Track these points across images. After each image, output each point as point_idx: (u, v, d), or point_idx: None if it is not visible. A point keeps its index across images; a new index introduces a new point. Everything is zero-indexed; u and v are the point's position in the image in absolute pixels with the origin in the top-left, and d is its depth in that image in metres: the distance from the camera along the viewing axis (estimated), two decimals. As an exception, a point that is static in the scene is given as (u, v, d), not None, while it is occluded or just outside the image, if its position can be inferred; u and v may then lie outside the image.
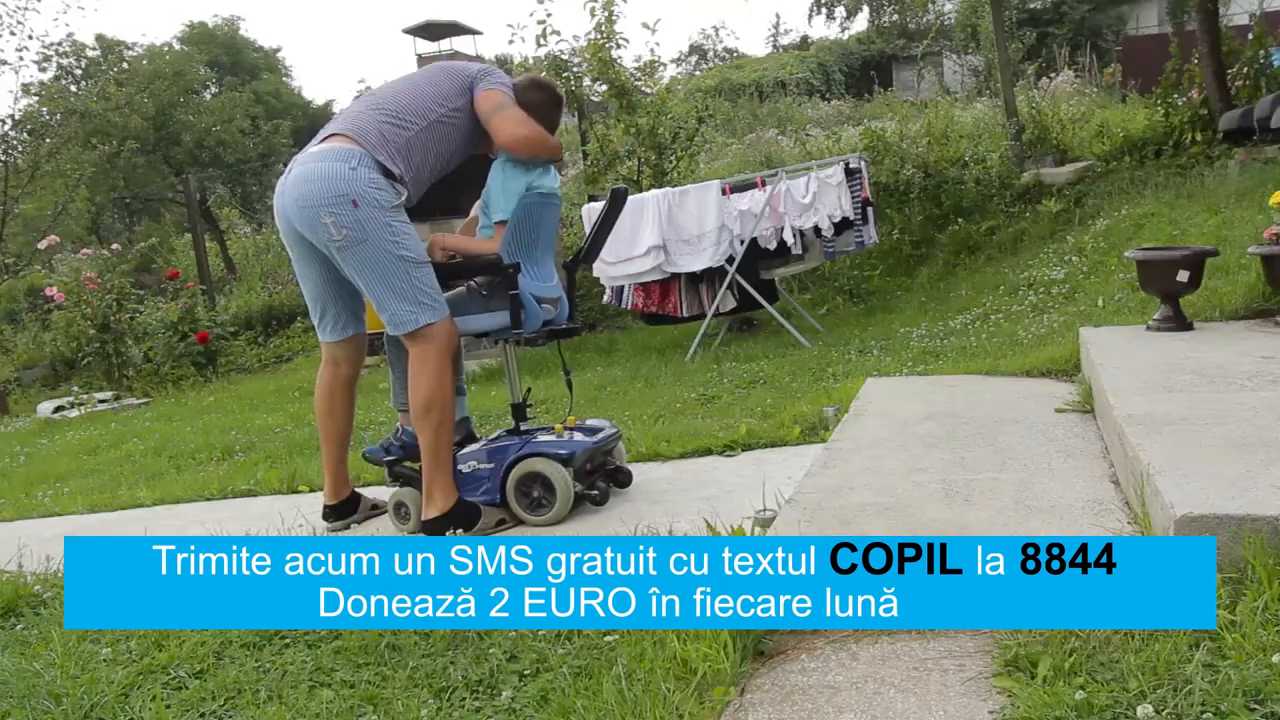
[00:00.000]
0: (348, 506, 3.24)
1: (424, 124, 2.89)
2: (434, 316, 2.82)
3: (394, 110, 2.87)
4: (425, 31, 8.20)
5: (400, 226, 2.79)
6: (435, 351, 2.82)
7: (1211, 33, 7.48)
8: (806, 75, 22.44)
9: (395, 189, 2.81)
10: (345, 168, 2.72)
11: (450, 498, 2.86)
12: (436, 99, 2.92)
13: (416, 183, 2.94)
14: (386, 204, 2.76)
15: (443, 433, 2.85)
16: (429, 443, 2.85)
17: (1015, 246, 7.46)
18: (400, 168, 2.83)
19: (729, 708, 1.64)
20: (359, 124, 2.83)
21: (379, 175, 2.76)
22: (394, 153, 2.81)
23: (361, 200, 2.71)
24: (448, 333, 2.86)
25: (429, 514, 2.86)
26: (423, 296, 2.80)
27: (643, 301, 6.92)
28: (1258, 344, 3.28)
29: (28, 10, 18.90)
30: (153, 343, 9.06)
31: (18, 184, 12.83)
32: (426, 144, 2.90)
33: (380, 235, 2.73)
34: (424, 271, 2.82)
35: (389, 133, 2.83)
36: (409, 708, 1.82)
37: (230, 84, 19.49)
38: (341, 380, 3.15)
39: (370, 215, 2.72)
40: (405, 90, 2.95)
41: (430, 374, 2.81)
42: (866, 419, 3.28)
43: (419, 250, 2.83)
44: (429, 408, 2.82)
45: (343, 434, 3.19)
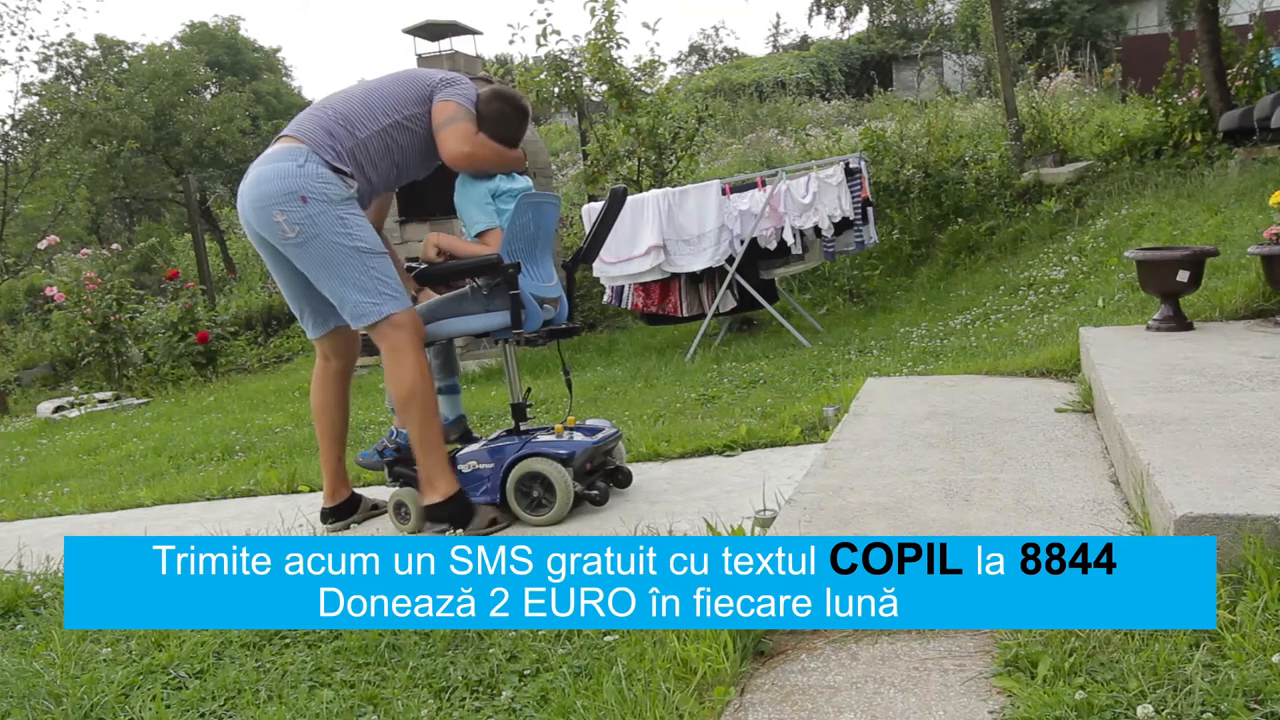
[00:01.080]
0: (346, 508, 3.22)
1: (374, 129, 2.87)
2: (397, 306, 2.78)
3: (344, 114, 2.87)
4: (425, 31, 8.18)
5: (352, 219, 2.77)
6: (406, 339, 2.79)
7: (1211, 33, 7.48)
8: (806, 75, 22.44)
9: (345, 183, 2.79)
10: (293, 165, 2.73)
11: (452, 485, 2.86)
12: (391, 105, 2.90)
13: (370, 185, 2.93)
14: (336, 197, 2.75)
15: (428, 420, 2.83)
16: (417, 433, 2.83)
17: (1015, 246, 7.46)
18: (349, 166, 2.82)
19: (729, 708, 1.64)
20: (306, 126, 2.85)
21: (326, 170, 2.76)
22: (340, 152, 2.81)
23: (310, 195, 2.71)
24: (414, 320, 2.82)
25: (430, 499, 2.85)
26: (382, 287, 2.77)
27: (643, 301, 6.92)
28: (1258, 344, 3.28)
29: (28, 10, 18.94)
30: (153, 343, 9.06)
31: (18, 184, 12.85)
32: (379, 149, 2.89)
33: (332, 228, 2.72)
34: (380, 262, 2.79)
35: (337, 132, 2.83)
36: (409, 708, 1.82)
37: (230, 84, 19.49)
38: (333, 374, 3.14)
39: (320, 210, 2.72)
40: (359, 95, 2.94)
41: (407, 363, 2.78)
42: (866, 419, 3.28)
43: (373, 241, 2.80)
44: (411, 397, 2.79)
45: (339, 430, 3.18)
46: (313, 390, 3.17)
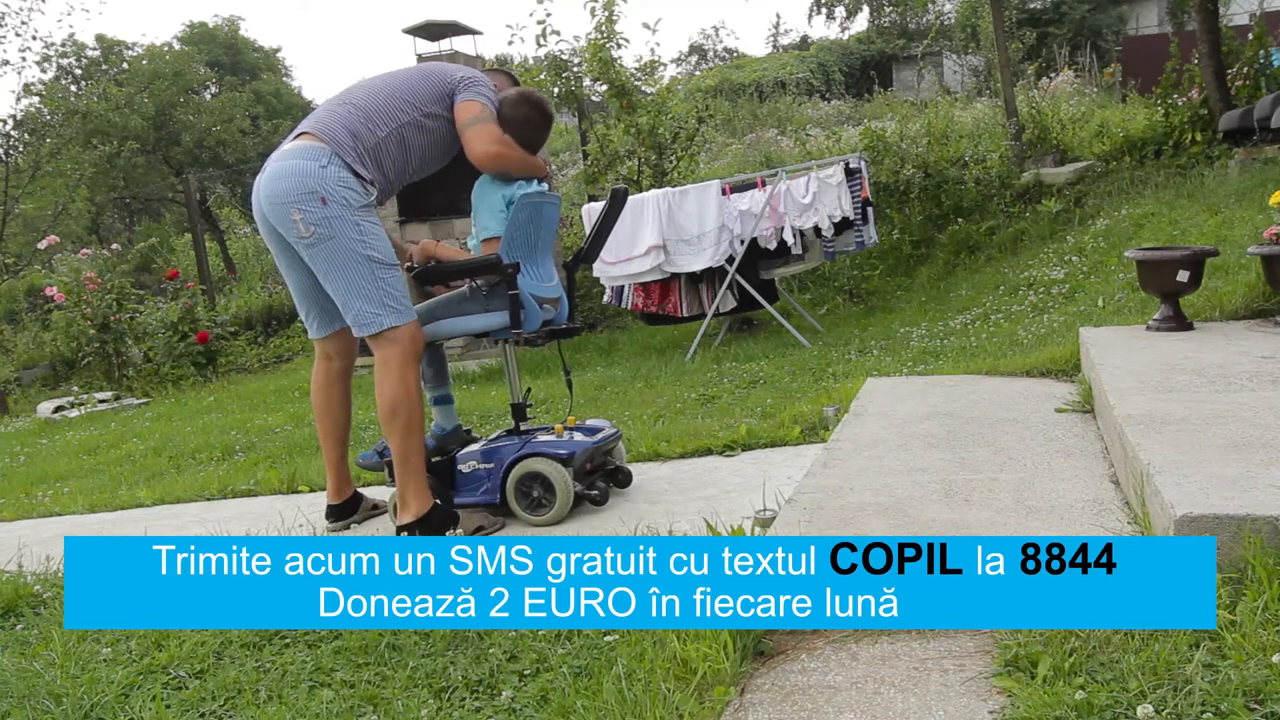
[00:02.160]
0: (349, 506, 3.22)
1: (394, 126, 2.85)
2: (398, 320, 2.78)
3: (364, 110, 2.84)
4: (425, 31, 8.18)
5: (368, 226, 2.76)
6: (399, 354, 2.78)
7: (1211, 33, 7.48)
8: (806, 75, 22.44)
9: (365, 189, 2.79)
10: (315, 165, 2.72)
11: (424, 503, 2.82)
12: (410, 102, 2.89)
13: (389, 184, 2.92)
14: (355, 203, 2.74)
15: (410, 436, 2.80)
16: (397, 448, 2.81)
17: (1015, 246, 7.46)
18: (370, 170, 2.81)
19: (729, 708, 1.64)
20: (329, 123, 2.81)
21: (348, 174, 2.75)
22: (362, 153, 2.80)
23: (330, 198, 2.70)
24: (413, 337, 2.81)
25: (402, 519, 2.81)
26: (388, 299, 2.77)
27: (643, 301, 6.92)
28: (1258, 344, 3.28)
29: (32, 11, 18.95)
30: (153, 343, 9.05)
31: (18, 184, 12.84)
32: (399, 146, 2.88)
33: (347, 234, 2.72)
34: (390, 274, 2.79)
35: (359, 131, 2.81)
36: (409, 708, 1.82)
37: (230, 84, 19.50)
38: (335, 374, 3.14)
39: (338, 213, 2.71)
40: (380, 89, 2.91)
41: (395, 377, 2.77)
42: (866, 419, 3.28)
43: (386, 252, 2.80)
44: (395, 411, 2.78)
45: (341, 430, 3.17)
46: (314, 390, 3.16)
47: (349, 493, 3.23)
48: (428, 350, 3.10)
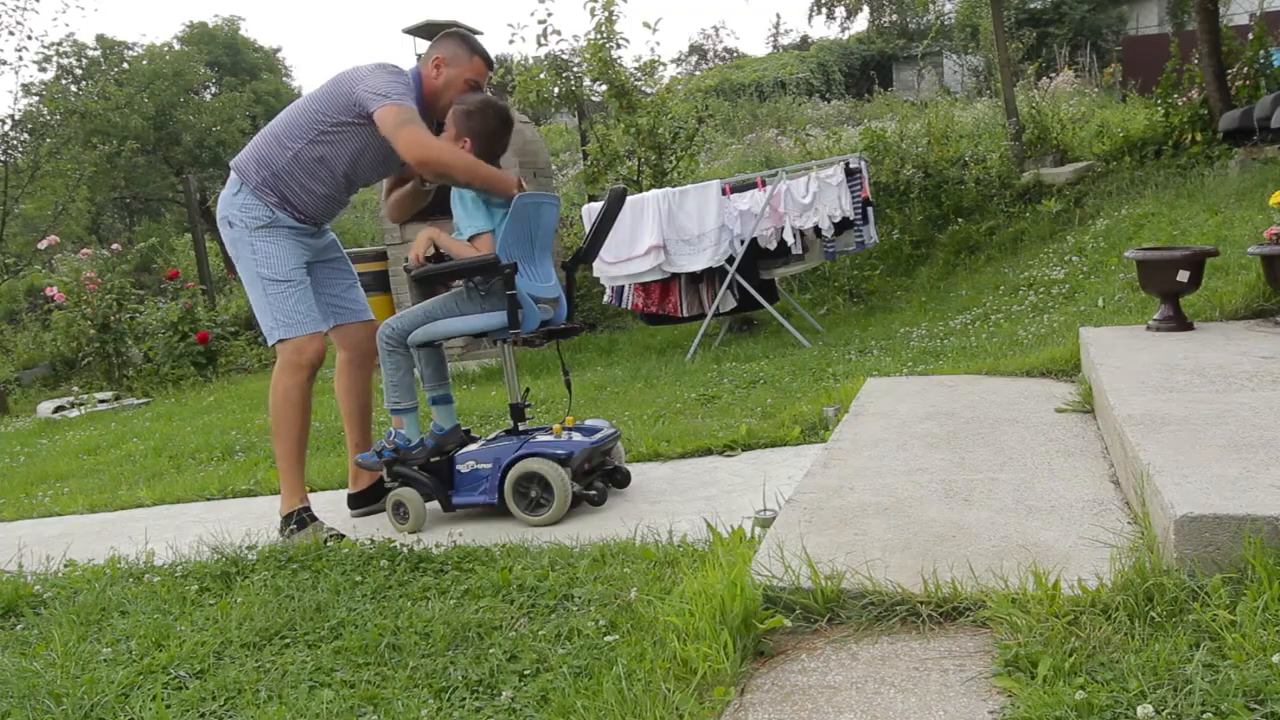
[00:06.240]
0: (370, 494, 3.33)
1: (304, 142, 2.98)
2: (285, 333, 2.99)
3: (277, 134, 3.02)
4: (425, 31, 8.18)
5: (262, 245, 2.98)
6: (284, 364, 3.02)
7: (1211, 33, 7.48)
8: (806, 75, 22.45)
9: (270, 210, 2.98)
10: (229, 194, 3.03)
11: (291, 503, 3.04)
12: (318, 114, 2.99)
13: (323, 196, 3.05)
14: (253, 224, 2.98)
15: (280, 441, 3.04)
16: (274, 447, 3.09)
17: (1015, 246, 7.46)
18: (275, 195, 2.99)
19: (729, 708, 1.64)
20: (244, 155, 3.04)
21: (252, 199, 2.99)
22: (268, 177, 2.97)
23: (235, 222, 3.00)
24: (298, 350, 3.01)
25: (283, 510, 3.07)
26: (277, 313, 2.99)
27: (643, 301, 6.92)
28: (1258, 344, 3.27)
29: (26, 10, 18.94)
30: (153, 343, 9.05)
31: (18, 184, 12.84)
32: (316, 160, 2.99)
33: (244, 255, 3.00)
34: (280, 289, 2.99)
35: (268, 156, 2.98)
36: (409, 708, 1.82)
37: (230, 84, 19.49)
38: (346, 361, 3.32)
39: (239, 235, 2.99)
40: (296, 107, 3.06)
41: (279, 385, 3.03)
42: (866, 419, 3.28)
43: (277, 269, 2.99)
44: (274, 416, 3.05)
45: (362, 409, 3.33)
46: (335, 378, 3.38)
47: (366, 481, 3.31)
48: (426, 350, 3.11)
